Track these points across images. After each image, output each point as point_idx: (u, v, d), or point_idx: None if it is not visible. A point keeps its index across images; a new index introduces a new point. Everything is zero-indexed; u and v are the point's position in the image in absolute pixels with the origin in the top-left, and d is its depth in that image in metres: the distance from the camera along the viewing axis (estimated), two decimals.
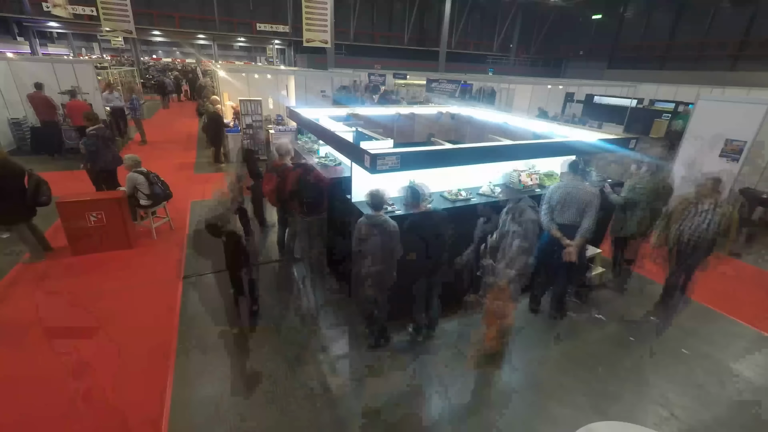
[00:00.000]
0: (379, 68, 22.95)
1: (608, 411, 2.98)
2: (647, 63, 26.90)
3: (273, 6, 27.08)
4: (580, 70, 31.28)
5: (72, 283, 4.30)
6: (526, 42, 35.06)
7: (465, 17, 32.10)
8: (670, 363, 3.52)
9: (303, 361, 3.32)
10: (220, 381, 3.10)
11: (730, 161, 5.99)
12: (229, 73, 10.59)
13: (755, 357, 3.65)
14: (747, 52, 21.78)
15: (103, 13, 15.96)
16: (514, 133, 5.70)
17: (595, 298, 4.46)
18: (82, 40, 35.01)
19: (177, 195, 5.79)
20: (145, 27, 23.88)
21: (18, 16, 21.59)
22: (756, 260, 5.59)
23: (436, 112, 7.30)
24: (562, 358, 3.53)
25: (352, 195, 3.61)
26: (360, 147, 3.16)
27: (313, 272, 4.68)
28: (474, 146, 3.78)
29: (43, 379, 3.03)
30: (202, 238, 5.30)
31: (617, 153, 4.32)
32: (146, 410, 2.81)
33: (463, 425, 2.81)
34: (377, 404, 2.94)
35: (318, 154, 5.28)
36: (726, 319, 4.21)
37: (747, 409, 3.08)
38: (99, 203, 4.75)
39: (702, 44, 23.65)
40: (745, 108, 5.87)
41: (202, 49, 37.59)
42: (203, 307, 4.01)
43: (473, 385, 3.18)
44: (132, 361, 3.25)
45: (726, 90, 14.46)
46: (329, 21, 17.00)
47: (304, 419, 2.80)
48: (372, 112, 6.75)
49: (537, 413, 2.94)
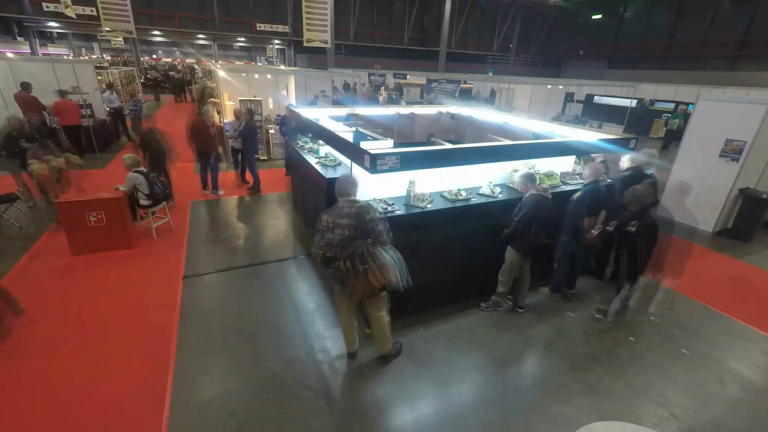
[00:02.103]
0: (379, 68, 22.95)
1: (608, 411, 2.98)
2: (647, 63, 26.93)
3: (273, 6, 27.12)
4: (580, 70, 31.32)
5: (72, 283, 4.30)
6: (526, 42, 35.09)
7: (465, 17, 32.13)
8: (670, 363, 3.52)
9: (304, 361, 3.33)
10: (220, 381, 3.10)
11: (730, 161, 5.99)
12: (229, 73, 10.59)
13: (755, 357, 3.65)
14: (747, 52, 21.81)
15: (103, 13, 15.95)
16: (514, 133, 5.70)
17: (595, 298, 4.47)
18: (82, 40, 35.03)
19: (177, 195, 5.80)
20: (145, 27, 23.93)
21: (18, 16, 21.62)
22: (756, 260, 5.60)
23: (436, 112, 7.30)
24: (562, 357, 3.53)
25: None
26: (360, 147, 3.16)
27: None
28: (474, 146, 3.78)
29: (42, 379, 3.03)
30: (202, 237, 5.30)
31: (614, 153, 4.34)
32: (146, 410, 2.81)
33: (463, 425, 2.81)
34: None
35: (318, 154, 5.28)
36: (726, 319, 4.20)
37: (747, 409, 3.08)
38: (99, 203, 4.75)
39: (702, 44, 23.67)
40: (745, 108, 5.87)
41: (202, 49, 37.62)
42: (203, 307, 4.01)
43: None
44: (132, 360, 3.25)
45: (726, 90, 14.47)
46: (329, 21, 17.00)
47: (304, 419, 2.81)
48: (372, 112, 6.74)
49: (537, 413, 2.94)
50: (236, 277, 4.61)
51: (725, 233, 6.32)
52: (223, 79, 10.19)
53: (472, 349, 3.57)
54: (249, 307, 4.06)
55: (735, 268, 5.40)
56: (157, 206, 5.40)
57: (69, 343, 3.41)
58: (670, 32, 25.32)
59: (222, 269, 4.73)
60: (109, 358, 3.26)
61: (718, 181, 6.15)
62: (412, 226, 3.49)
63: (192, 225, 5.89)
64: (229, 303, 4.12)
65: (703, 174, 6.31)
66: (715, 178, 6.16)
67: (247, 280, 4.55)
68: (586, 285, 4.73)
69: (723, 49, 22.71)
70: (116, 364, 3.21)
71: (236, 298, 4.20)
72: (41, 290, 4.14)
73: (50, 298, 4.00)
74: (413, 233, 3.51)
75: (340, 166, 4.79)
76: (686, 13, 24.44)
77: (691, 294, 4.61)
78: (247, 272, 4.70)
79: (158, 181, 5.31)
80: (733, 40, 22.11)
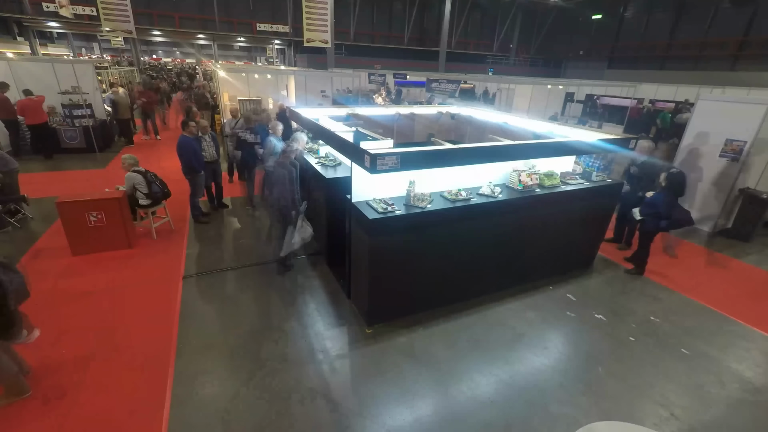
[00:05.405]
0: (379, 68, 22.92)
1: (608, 411, 2.98)
2: (647, 63, 26.92)
3: (273, 6, 27.12)
4: (580, 70, 31.29)
5: (72, 283, 4.30)
6: (526, 42, 35.09)
7: (465, 17, 32.12)
8: (670, 363, 3.52)
9: (304, 361, 3.33)
10: (219, 380, 3.10)
11: (730, 161, 5.99)
12: (229, 73, 10.59)
13: (755, 357, 3.65)
14: (747, 52, 21.79)
15: (103, 13, 15.95)
16: (514, 133, 5.70)
17: (595, 298, 4.47)
18: (82, 40, 35.06)
19: (177, 195, 5.80)
20: (145, 27, 23.93)
21: (18, 16, 21.62)
22: (756, 260, 5.60)
23: (436, 112, 7.30)
24: (562, 357, 3.53)
25: (352, 195, 3.61)
26: (360, 147, 3.16)
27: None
28: (474, 146, 3.78)
29: (42, 379, 3.03)
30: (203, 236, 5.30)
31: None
32: (146, 410, 2.81)
33: (463, 425, 2.81)
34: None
35: (318, 154, 5.28)
36: (726, 319, 4.20)
37: (747, 409, 3.08)
38: (99, 203, 4.75)
39: (702, 44, 23.66)
40: (745, 108, 5.87)
41: (202, 49, 37.62)
42: (203, 307, 4.01)
43: None
44: (132, 360, 3.25)
45: (726, 90, 14.45)
46: (329, 21, 17.01)
47: (304, 419, 2.81)
48: (372, 112, 6.74)
49: (537, 413, 2.94)
50: (236, 277, 4.61)
51: (725, 233, 6.32)
52: (223, 79, 10.20)
53: (472, 349, 3.57)
54: (249, 307, 4.06)
55: (735, 268, 5.40)
56: (156, 206, 5.40)
57: (69, 343, 3.41)
58: (670, 32, 25.31)
59: (222, 269, 4.73)
60: (109, 358, 3.26)
61: (718, 181, 6.15)
62: (412, 226, 3.49)
63: (192, 225, 5.89)
64: (229, 303, 4.12)
65: (702, 174, 6.31)
66: (715, 178, 6.17)
67: (247, 280, 4.55)
68: (586, 286, 4.74)
69: (723, 49, 22.69)
70: (116, 363, 3.21)
71: (236, 298, 4.20)
72: (41, 290, 4.13)
73: (50, 298, 4.00)
74: (413, 233, 3.51)
75: (340, 166, 4.80)
76: (686, 13, 24.42)
77: (691, 294, 4.62)
78: (247, 272, 4.70)
79: (156, 180, 5.31)
80: (733, 40, 22.10)
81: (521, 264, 4.42)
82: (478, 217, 3.81)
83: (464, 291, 4.19)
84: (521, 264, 4.42)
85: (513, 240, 4.17)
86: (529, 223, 4.18)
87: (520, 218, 4.08)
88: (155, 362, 3.24)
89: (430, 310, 4.00)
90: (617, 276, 5.00)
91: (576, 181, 4.56)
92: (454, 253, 3.84)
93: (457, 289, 4.13)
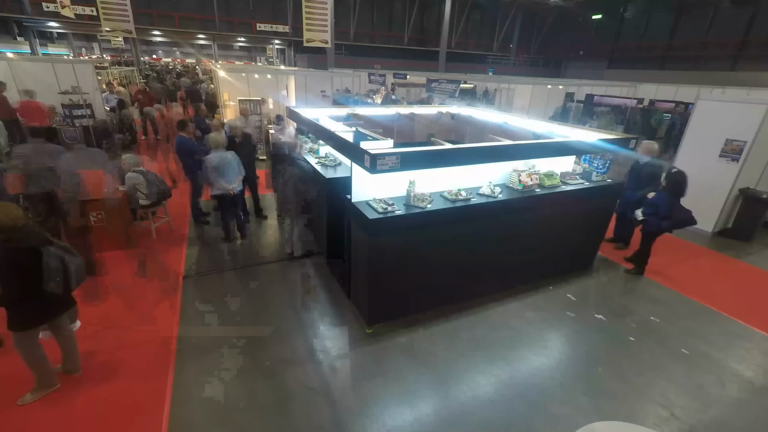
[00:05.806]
0: (379, 68, 22.93)
1: (608, 411, 2.98)
2: (647, 63, 26.91)
3: (273, 6, 27.08)
4: (580, 70, 31.27)
5: None
6: (526, 42, 35.06)
7: (465, 17, 32.10)
8: (670, 363, 3.52)
9: (304, 361, 3.33)
10: (219, 381, 3.10)
11: (730, 161, 5.99)
12: (229, 73, 10.59)
13: (755, 357, 3.65)
14: (747, 52, 21.79)
15: (103, 13, 15.93)
16: (514, 133, 5.70)
17: (596, 298, 4.48)
18: (82, 40, 35.01)
19: (176, 195, 5.80)
20: (145, 27, 23.89)
21: (18, 16, 21.60)
22: (756, 260, 5.60)
23: (436, 112, 7.30)
24: (562, 357, 3.53)
25: (352, 195, 3.61)
26: (360, 147, 3.16)
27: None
28: (474, 146, 3.78)
29: None
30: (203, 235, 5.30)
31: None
32: (146, 410, 2.81)
33: (463, 425, 2.81)
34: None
35: (318, 154, 5.28)
36: (726, 319, 4.20)
37: (747, 409, 3.08)
38: (99, 203, 4.75)
39: (702, 44, 23.65)
40: (745, 108, 5.87)
41: (202, 49, 37.60)
42: (203, 307, 4.01)
43: None
44: (132, 360, 3.25)
45: (726, 90, 14.45)
46: (329, 21, 16.99)
47: (304, 419, 2.81)
48: (372, 112, 6.74)
49: (537, 413, 2.94)
50: (236, 277, 4.61)
51: (725, 233, 6.32)
52: (223, 78, 10.19)
53: (473, 348, 3.57)
54: (249, 306, 4.07)
55: (735, 268, 5.40)
56: (156, 206, 5.40)
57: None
58: (670, 32, 25.29)
59: (222, 269, 4.73)
60: (108, 359, 3.26)
61: (718, 181, 6.15)
62: (413, 226, 3.49)
63: (192, 225, 5.88)
64: (229, 303, 4.11)
65: (703, 174, 6.31)
66: (715, 178, 6.16)
67: (247, 280, 4.55)
68: (586, 286, 4.74)
69: (723, 50, 22.68)
70: (116, 364, 3.21)
71: (236, 298, 4.19)
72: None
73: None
74: (413, 233, 3.51)
75: (340, 166, 4.80)
76: (686, 14, 24.41)
77: (691, 294, 4.62)
78: (248, 272, 4.70)
79: (157, 181, 5.30)
80: (733, 40, 22.09)
81: (521, 264, 4.42)
82: (478, 217, 3.81)
83: (464, 291, 4.19)
84: (521, 264, 4.42)
85: (513, 240, 4.17)
86: (529, 223, 4.18)
87: (520, 218, 4.09)
88: (155, 362, 3.24)
89: (430, 310, 4.00)
90: (617, 276, 5.01)
91: (576, 181, 4.56)
92: (454, 254, 3.84)
93: (457, 289, 4.13)
